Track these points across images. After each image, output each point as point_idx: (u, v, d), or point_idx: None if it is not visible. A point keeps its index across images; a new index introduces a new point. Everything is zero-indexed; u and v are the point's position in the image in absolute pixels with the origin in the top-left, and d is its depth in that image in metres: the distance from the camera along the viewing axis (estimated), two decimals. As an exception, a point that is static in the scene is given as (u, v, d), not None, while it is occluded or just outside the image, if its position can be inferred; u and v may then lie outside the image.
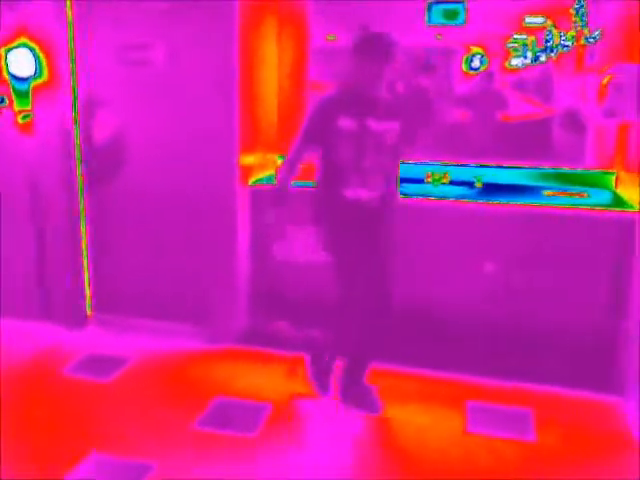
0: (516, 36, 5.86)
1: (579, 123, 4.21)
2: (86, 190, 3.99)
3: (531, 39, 5.80)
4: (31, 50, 3.80)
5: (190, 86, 3.67)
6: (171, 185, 3.80)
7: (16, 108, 3.90)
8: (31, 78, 3.84)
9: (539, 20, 5.12)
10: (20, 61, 3.81)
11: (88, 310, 4.14)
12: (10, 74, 3.85)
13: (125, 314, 4.03)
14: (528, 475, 2.75)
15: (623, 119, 3.49)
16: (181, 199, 3.79)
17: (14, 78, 3.85)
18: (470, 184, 3.83)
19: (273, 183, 3.18)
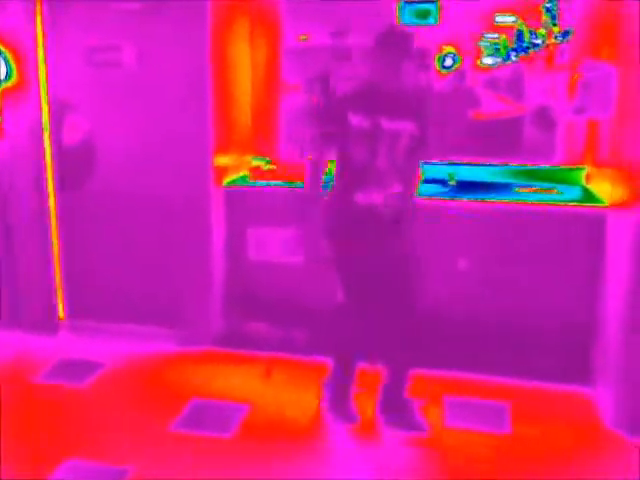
0: (488, 35, 5.91)
1: (550, 120, 4.26)
2: (57, 193, 3.94)
3: (502, 38, 5.86)
4: (0, 53, 3.74)
5: (162, 87, 3.64)
6: (144, 187, 3.76)
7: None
8: (1, 81, 3.78)
9: (510, 19, 5.18)
10: (-11, 64, 3.76)
11: (60, 315, 4.09)
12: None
13: (99, 318, 3.98)
14: (504, 467, 2.78)
15: (592, 116, 3.54)
16: (154, 201, 3.76)
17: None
18: (443, 182, 3.86)
19: (303, 190, 3.01)
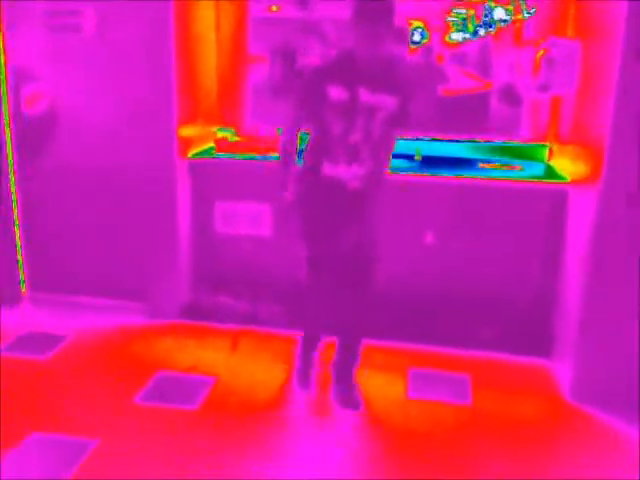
0: (456, 10, 5.91)
1: (515, 97, 4.30)
2: (17, 166, 3.84)
3: (471, 13, 5.86)
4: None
5: (124, 55, 3.55)
6: (107, 159, 3.69)
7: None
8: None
9: (478, -6, 5.18)
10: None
11: (22, 289, 4.02)
12: None
13: (63, 292, 3.93)
14: (465, 436, 2.85)
15: (556, 92, 3.59)
16: (118, 173, 3.69)
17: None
18: (410, 157, 3.87)
19: (276, 160, 2.92)
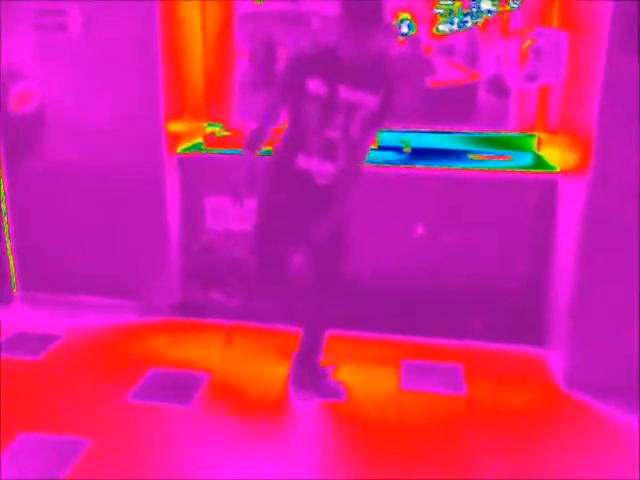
0: (443, 2, 5.91)
1: (503, 87, 4.31)
2: (5, 165, 3.81)
3: (457, 5, 5.87)
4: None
5: (111, 53, 3.52)
6: (95, 157, 3.67)
7: None
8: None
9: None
10: None
11: (14, 288, 4.00)
12: None
13: (54, 291, 3.90)
14: (460, 426, 2.87)
15: (543, 82, 3.59)
16: (107, 170, 3.67)
17: None
18: (399, 149, 3.87)
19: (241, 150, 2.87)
